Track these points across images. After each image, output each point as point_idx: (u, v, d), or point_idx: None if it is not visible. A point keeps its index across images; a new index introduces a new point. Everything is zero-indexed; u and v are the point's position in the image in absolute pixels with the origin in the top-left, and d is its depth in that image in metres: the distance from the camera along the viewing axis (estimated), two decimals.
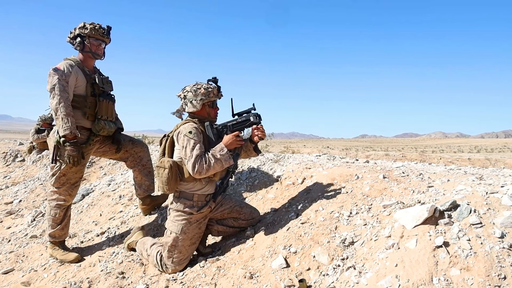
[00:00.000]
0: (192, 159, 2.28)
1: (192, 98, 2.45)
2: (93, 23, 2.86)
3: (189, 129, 2.35)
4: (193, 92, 2.45)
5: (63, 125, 2.65)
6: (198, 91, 2.44)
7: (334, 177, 2.89)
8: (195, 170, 2.28)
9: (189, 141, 2.32)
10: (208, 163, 2.28)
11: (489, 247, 1.61)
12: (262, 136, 2.46)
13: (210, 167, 2.29)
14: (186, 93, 2.47)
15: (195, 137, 2.33)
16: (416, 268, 1.63)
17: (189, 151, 2.30)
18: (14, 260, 3.07)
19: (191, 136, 2.32)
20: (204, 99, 2.44)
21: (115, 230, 3.31)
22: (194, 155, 2.28)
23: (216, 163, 2.29)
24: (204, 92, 2.44)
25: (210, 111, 2.53)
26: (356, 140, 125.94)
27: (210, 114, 2.53)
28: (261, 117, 2.47)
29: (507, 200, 1.85)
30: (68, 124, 2.66)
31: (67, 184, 2.90)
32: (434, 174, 2.86)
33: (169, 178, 2.36)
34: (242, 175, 3.57)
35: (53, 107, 2.67)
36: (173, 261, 2.43)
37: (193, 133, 2.33)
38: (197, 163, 2.27)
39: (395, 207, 2.22)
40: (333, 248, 2.08)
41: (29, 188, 5.37)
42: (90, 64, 2.97)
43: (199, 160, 2.28)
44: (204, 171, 2.28)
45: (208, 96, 2.45)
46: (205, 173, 2.30)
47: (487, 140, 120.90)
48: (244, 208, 2.67)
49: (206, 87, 2.47)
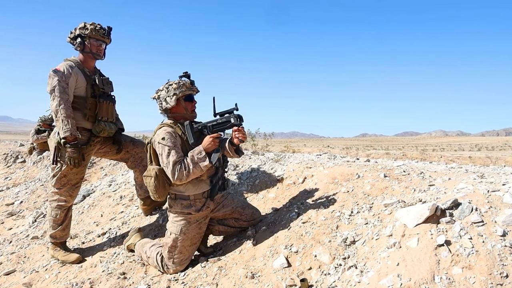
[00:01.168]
0: (169, 166, 2.26)
1: (165, 96, 2.43)
2: (93, 23, 2.85)
3: (161, 135, 2.32)
4: (165, 90, 2.45)
5: (63, 127, 2.65)
6: (170, 87, 2.44)
7: (335, 176, 2.89)
8: (175, 177, 2.26)
9: (164, 148, 2.29)
10: (188, 170, 2.26)
11: (491, 245, 1.61)
12: (243, 139, 2.36)
13: (190, 173, 2.26)
14: (159, 93, 2.48)
15: (168, 143, 2.29)
16: (417, 266, 1.63)
17: (165, 158, 2.28)
18: (15, 261, 3.07)
19: (164, 142, 2.29)
20: (178, 94, 2.41)
21: (116, 231, 3.31)
22: (172, 162, 2.26)
23: (195, 168, 2.27)
24: (175, 87, 2.42)
25: (187, 106, 2.48)
26: (356, 139, 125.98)
27: (188, 109, 2.49)
28: (243, 118, 2.36)
29: (508, 198, 1.85)
30: (68, 126, 2.65)
31: (68, 185, 2.90)
32: (435, 172, 2.86)
33: (157, 186, 2.35)
34: (243, 174, 3.57)
35: (53, 109, 2.67)
36: (174, 262, 2.42)
37: (166, 139, 2.30)
38: (176, 170, 2.25)
39: (396, 206, 2.21)
40: (335, 247, 2.08)
41: (30, 189, 5.37)
42: (91, 65, 2.96)
43: (178, 167, 2.26)
44: (185, 177, 2.26)
45: (181, 89, 2.42)
46: (186, 179, 2.28)
47: (488, 138, 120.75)
48: (246, 209, 2.66)
49: (177, 82, 2.46)
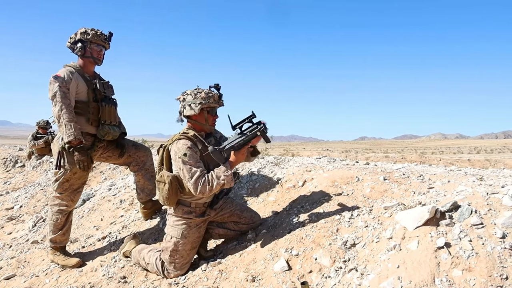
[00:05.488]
0: (192, 180, 2.26)
1: (191, 101, 2.40)
2: (94, 28, 2.89)
3: (183, 151, 2.30)
4: (192, 95, 2.41)
5: (66, 132, 2.65)
6: (198, 94, 2.40)
7: (334, 180, 2.90)
8: (197, 191, 2.26)
9: (185, 164, 2.29)
10: (211, 185, 2.26)
11: (490, 247, 1.62)
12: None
13: (213, 188, 2.26)
14: (185, 96, 2.44)
15: (190, 160, 2.29)
16: (418, 269, 1.64)
17: (187, 174, 2.28)
18: (15, 265, 3.07)
19: (186, 159, 2.29)
20: (204, 103, 2.38)
21: (117, 235, 3.31)
22: (195, 178, 2.26)
23: (218, 185, 2.26)
24: (204, 96, 2.39)
25: (208, 118, 2.46)
26: (355, 143, 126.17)
27: (208, 121, 2.47)
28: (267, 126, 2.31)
29: (507, 200, 1.86)
30: (71, 130, 2.65)
31: (69, 190, 2.90)
32: (435, 175, 2.87)
33: (170, 194, 2.36)
34: (243, 178, 3.58)
35: (56, 114, 2.67)
36: (175, 266, 2.42)
37: (188, 156, 2.29)
38: (200, 184, 2.25)
39: (396, 208, 2.22)
40: (335, 250, 2.08)
41: (29, 193, 5.36)
42: (90, 70, 2.97)
43: (201, 181, 2.25)
44: (207, 192, 2.26)
45: (208, 100, 2.40)
46: (208, 193, 2.28)
47: (487, 141, 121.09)
48: (245, 212, 2.66)
49: (207, 92, 2.43)
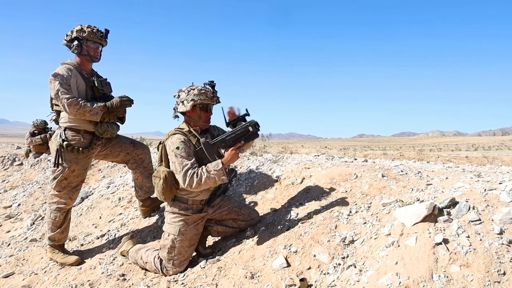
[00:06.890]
0: (181, 173, 2.28)
1: (184, 98, 2.44)
2: (89, 26, 2.85)
3: (176, 144, 2.34)
4: (186, 92, 2.45)
5: (91, 110, 2.72)
6: (191, 91, 2.44)
7: (333, 177, 2.90)
8: (185, 184, 2.27)
9: (177, 157, 2.31)
10: (200, 178, 2.25)
11: (488, 243, 1.63)
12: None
13: (202, 182, 2.25)
14: (180, 93, 2.48)
15: (182, 152, 2.31)
16: (416, 265, 1.64)
17: (178, 166, 2.30)
18: (14, 263, 3.06)
19: (178, 152, 2.31)
20: (196, 100, 2.40)
21: (115, 233, 3.31)
22: (184, 170, 2.27)
23: (208, 179, 2.26)
24: (196, 93, 2.42)
25: (201, 114, 2.47)
26: (354, 140, 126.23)
27: (201, 118, 2.48)
28: (259, 124, 2.35)
29: (505, 196, 1.87)
30: (95, 106, 2.74)
31: (68, 188, 2.89)
32: (433, 172, 2.88)
33: (164, 189, 2.37)
34: (241, 175, 3.58)
35: (67, 109, 2.68)
36: (174, 263, 2.43)
37: (180, 149, 2.32)
38: (188, 177, 2.26)
39: (394, 205, 2.23)
40: (334, 247, 2.09)
41: (27, 191, 5.35)
42: (88, 67, 2.95)
43: (190, 174, 2.26)
44: (196, 184, 2.26)
45: (200, 97, 2.41)
46: (197, 187, 2.27)
47: (484, 138, 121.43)
48: (243, 209, 2.66)
49: (200, 89, 2.45)
